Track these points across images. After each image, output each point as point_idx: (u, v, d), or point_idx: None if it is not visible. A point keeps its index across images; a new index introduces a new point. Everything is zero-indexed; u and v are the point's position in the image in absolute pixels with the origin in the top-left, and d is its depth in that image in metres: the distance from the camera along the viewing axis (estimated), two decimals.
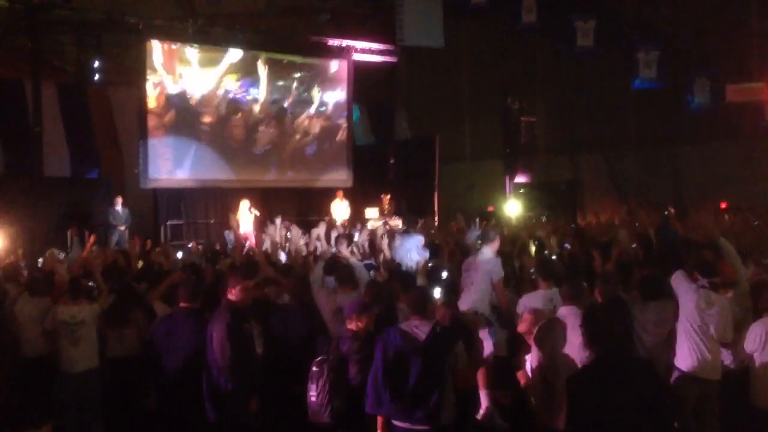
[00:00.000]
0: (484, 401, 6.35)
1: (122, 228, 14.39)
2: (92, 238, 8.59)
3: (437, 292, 6.05)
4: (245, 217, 14.67)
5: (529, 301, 5.92)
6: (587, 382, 3.83)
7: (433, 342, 4.65)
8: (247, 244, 11.94)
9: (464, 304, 6.55)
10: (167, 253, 9.03)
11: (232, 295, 5.46)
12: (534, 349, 4.84)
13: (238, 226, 12.98)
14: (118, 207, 14.55)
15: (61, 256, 9.32)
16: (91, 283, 6.93)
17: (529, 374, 4.92)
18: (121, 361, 6.29)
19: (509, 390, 6.10)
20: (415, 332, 4.72)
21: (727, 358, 5.33)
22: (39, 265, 9.02)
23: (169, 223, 16.03)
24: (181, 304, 5.65)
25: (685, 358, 5.19)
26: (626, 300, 5.60)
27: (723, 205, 16.44)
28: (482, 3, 18.02)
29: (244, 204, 14.93)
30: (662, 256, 6.77)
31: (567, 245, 8.87)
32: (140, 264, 8.46)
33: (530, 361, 4.92)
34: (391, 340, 4.71)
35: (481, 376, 6.32)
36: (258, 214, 14.88)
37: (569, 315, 5.11)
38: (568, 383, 3.99)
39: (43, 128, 14.40)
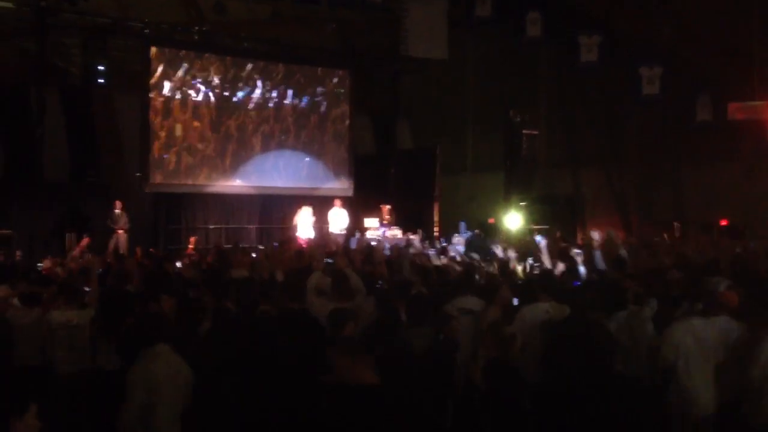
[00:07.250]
0: None
1: (121, 232, 14.42)
2: (84, 241, 8.57)
3: None
4: (306, 222, 15.24)
5: (530, 313, 5.94)
6: None
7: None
8: None
9: None
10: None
11: None
12: None
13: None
14: (117, 210, 14.58)
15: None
16: (87, 288, 6.89)
17: None
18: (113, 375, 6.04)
19: None
20: None
21: None
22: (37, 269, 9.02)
23: (168, 227, 16.05)
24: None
25: None
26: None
27: (723, 223, 16.41)
28: (487, 15, 18.02)
29: (306, 210, 15.40)
30: None
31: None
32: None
33: None
34: None
35: None
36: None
37: None
38: None
39: (45, 131, 14.45)
